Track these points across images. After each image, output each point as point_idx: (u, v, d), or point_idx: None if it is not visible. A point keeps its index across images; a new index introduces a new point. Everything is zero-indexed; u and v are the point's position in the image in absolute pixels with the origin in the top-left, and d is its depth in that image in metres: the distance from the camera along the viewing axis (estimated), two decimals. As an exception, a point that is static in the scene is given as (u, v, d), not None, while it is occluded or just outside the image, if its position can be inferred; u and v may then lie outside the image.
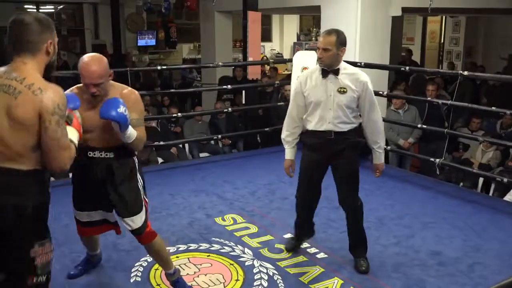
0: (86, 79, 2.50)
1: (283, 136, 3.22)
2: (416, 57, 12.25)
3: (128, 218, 2.70)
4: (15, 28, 1.91)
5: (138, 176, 2.74)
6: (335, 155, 3.07)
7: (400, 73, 8.33)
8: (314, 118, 3.05)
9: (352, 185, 3.17)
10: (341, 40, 2.95)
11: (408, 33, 13.16)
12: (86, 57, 2.54)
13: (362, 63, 5.37)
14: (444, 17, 13.03)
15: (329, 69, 2.99)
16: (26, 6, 12.12)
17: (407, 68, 5.84)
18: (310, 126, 3.07)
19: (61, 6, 12.50)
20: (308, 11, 10.58)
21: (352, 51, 6.06)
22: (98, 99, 2.55)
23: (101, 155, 2.64)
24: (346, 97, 2.99)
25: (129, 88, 2.68)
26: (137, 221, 2.71)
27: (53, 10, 12.61)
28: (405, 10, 6.62)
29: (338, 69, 2.99)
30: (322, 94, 3.01)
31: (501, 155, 5.98)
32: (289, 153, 3.22)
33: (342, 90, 2.98)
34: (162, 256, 2.86)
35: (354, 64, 4.63)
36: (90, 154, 2.64)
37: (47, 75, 1.97)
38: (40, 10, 12.16)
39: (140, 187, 2.75)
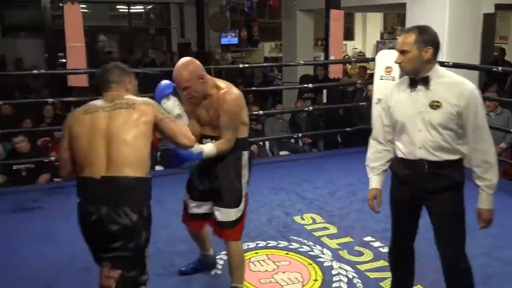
0: (174, 83, 2.64)
1: (366, 162, 2.58)
2: (509, 56, 11.54)
3: (224, 208, 2.74)
4: (103, 72, 2.36)
5: (244, 172, 2.77)
6: (429, 194, 2.37)
7: (492, 73, 7.88)
8: (402, 142, 2.39)
9: (454, 239, 2.43)
10: (424, 38, 2.29)
11: (502, 31, 12.41)
12: (179, 62, 2.66)
13: (451, 63, 5.14)
14: (542, 13, 12.18)
15: (416, 77, 2.34)
16: (118, 7, 12.78)
17: (500, 68, 5.52)
18: (399, 153, 2.42)
19: (150, 6, 13.06)
20: (393, 8, 10.30)
21: (440, 50, 5.84)
22: (197, 100, 2.65)
23: (213, 143, 2.70)
24: (440, 114, 2.27)
25: (227, 89, 2.68)
26: (231, 214, 2.74)
27: (142, 10, 13.21)
28: (498, 7, 6.29)
29: (428, 77, 2.31)
30: (410, 111, 2.34)
31: None
32: (373, 181, 2.54)
33: (435, 105, 2.28)
34: (237, 263, 2.83)
35: (441, 64, 4.44)
36: (203, 141, 2.75)
37: None
38: (131, 10, 12.78)
39: (243, 183, 2.78)
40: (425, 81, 2.32)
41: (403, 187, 2.43)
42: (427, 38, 2.30)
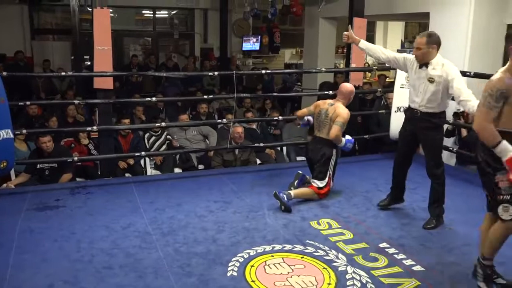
0: None
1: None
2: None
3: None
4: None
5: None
6: None
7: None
8: None
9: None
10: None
11: (525, 42, 12.26)
12: None
13: (472, 73, 5.14)
14: None
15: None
16: (144, 12, 13.00)
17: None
18: None
19: (174, 12, 13.23)
20: (415, 18, 10.27)
21: (461, 60, 5.82)
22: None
23: None
24: None
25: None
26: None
27: (167, 16, 13.39)
28: (522, 17, 6.23)
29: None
30: None
31: None
32: None
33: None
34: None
35: (463, 74, 4.45)
36: None
37: None
38: (156, 16, 12.99)
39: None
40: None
41: None
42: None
